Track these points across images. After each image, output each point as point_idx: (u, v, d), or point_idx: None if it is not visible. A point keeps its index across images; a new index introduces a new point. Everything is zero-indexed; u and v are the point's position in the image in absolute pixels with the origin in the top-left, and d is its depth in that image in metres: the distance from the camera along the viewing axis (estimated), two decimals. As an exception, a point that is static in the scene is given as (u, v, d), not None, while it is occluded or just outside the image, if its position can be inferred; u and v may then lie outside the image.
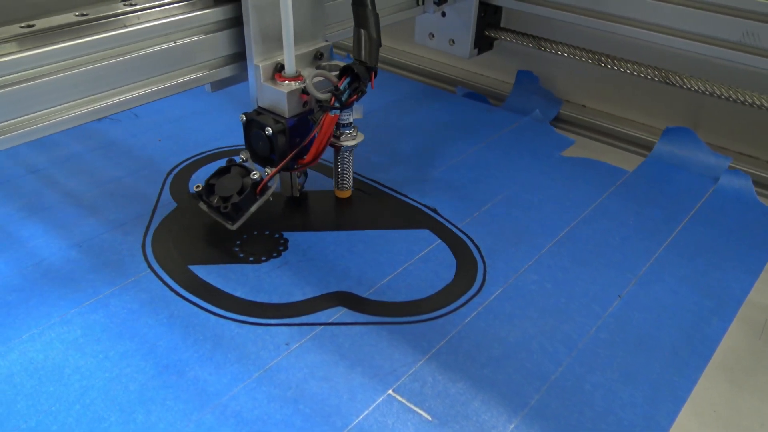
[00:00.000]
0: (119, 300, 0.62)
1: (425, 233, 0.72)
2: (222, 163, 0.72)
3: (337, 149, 0.73)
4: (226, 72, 0.67)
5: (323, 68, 0.67)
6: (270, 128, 0.65)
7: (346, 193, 0.77)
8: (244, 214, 0.67)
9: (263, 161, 0.69)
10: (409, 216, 0.75)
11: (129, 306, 0.61)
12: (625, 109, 0.95)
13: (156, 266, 0.66)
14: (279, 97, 0.65)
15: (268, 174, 0.66)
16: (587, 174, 0.83)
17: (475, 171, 0.83)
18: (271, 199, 0.68)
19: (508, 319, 0.61)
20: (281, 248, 0.69)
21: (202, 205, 0.69)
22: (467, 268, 0.67)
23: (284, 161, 0.66)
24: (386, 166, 0.84)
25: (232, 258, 0.67)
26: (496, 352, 0.58)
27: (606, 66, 0.87)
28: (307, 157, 0.67)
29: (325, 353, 0.57)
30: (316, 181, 0.80)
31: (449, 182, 0.81)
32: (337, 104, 0.64)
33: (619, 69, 0.86)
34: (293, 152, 0.66)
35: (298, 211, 0.76)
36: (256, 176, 0.66)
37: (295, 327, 0.60)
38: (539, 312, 0.62)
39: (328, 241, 0.70)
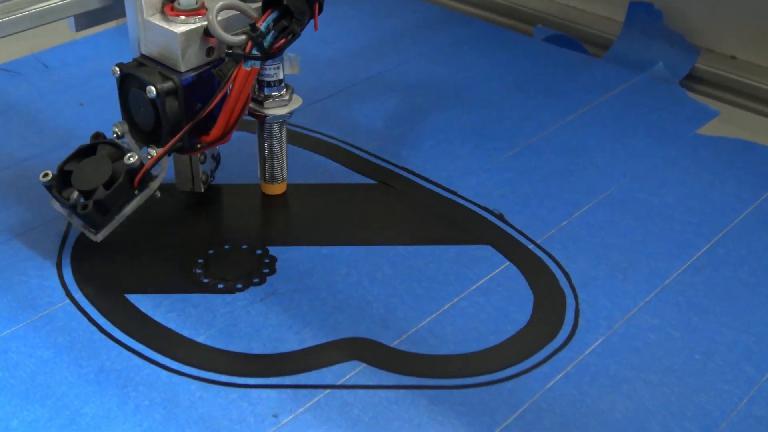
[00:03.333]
0: (24, 344, 0.64)
1: (486, 251, 0.73)
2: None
3: (261, 120, 0.73)
4: (93, 2, 0.68)
5: None
6: (154, 88, 0.66)
7: (278, 188, 0.77)
8: (113, 219, 0.68)
9: (147, 137, 0.69)
10: (461, 224, 0.76)
11: (39, 353, 0.63)
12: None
13: (78, 294, 0.68)
14: (169, 40, 0.66)
15: (151, 157, 0.67)
16: (738, 162, 0.84)
17: (563, 157, 0.84)
18: (158, 195, 0.69)
19: (614, 384, 0.62)
20: (266, 270, 0.70)
21: (55, 204, 0.70)
22: (550, 305, 0.68)
23: (176, 138, 0.66)
24: (425, 148, 0.85)
25: (192, 284, 0.69)
26: (594, 434, 0.59)
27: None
28: (213, 132, 0.67)
29: (334, 430, 0.58)
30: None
31: (523, 173, 0.82)
32: (255, 52, 0.64)
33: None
34: (190, 124, 0.67)
35: (289, 216, 0.77)
36: (133, 160, 0.66)
37: (288, 390, 0.61)
38: (661, 374, 0.63)
39: (338, 260, 0.72)
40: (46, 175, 0.68)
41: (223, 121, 0.67)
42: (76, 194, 0.67)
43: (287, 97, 0.73)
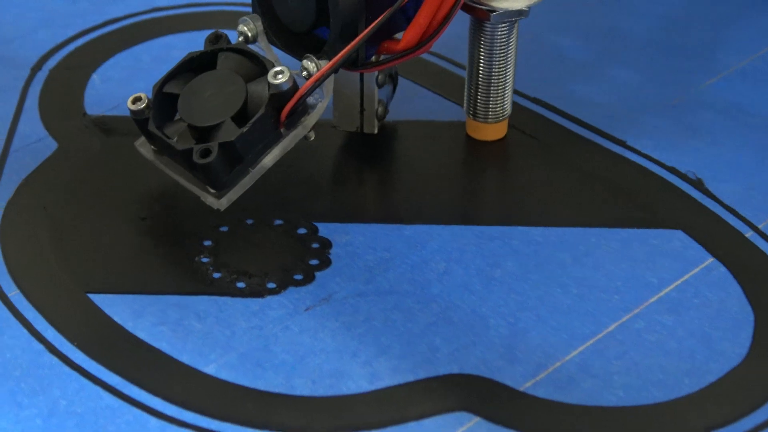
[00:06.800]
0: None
1: (675, 240, 0.73)
2: (194, 44, 0.74)
3: (481, 18, 0.74)
4: None
5: None
6: None
7: (494, 131, 0.79)
8: (246, 173, 0.70)
9: (296, 43, 0.71)
10: (634, 195, 0.76)
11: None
12: None
13: (13, 292, 0.69)
14: None
15: (311, 75, 0.68)
16: None
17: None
18: (311, 137, 0.71)
19: None
20: (314, 262, 0.71)
21: (146, 148, 0.71)
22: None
23: (355, 42, 0.68)
24: (572, 69, 0.85)
25: (194, 280, 0.70)
26: None
27: None
28: (408, 35, 0.70)
29: None
30: (412, 101, 0.82)
31: (734, 115, 0.82)
32: None
33: None
34: (377, 21, 0.68)
35: (359, 171, 0.78)
36: (281, 79, 0.67)
37: (355, 456, 0.62)
38: None
39: (431, 247, 0.72)
40: (138, 99, 0.69)
41: (425, 18, 0.69)
42: (183, 131, 0.68)
43: None
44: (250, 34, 0.70)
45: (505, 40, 0.75)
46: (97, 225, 0.73)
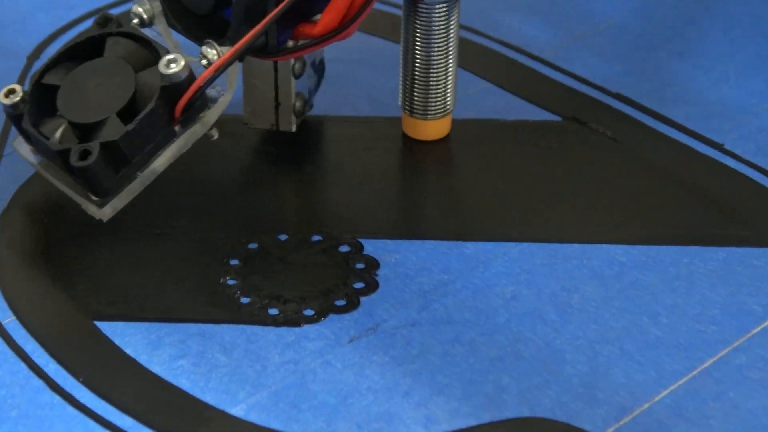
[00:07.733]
0: None
1: None
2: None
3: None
4: None
5: None
6: None
7: (435, 129, 0.80)
8: (133, 177, 0.70)
9: (199, 27, 0.71)
10: (732, 207, 0.75)
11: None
12: None
13: (9, 319, 0.68)
14: None
15: (211, 63, 0.69)
16: None
17: None
18: (214, 135, 0.71)
19: None
20: (359, 285, 0.70)
21: (23, 148, 0.71)
22: None
23: (260, 26, 0.69)
24: (658, 59, 0.86)
25: (219, 306, 0.69)
26: None
27: None
28: (326, 18, 0.70)
29: None
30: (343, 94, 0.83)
31: None
32: None
33: None
34: (286, 2, 0.69)
35: (401, 179, 0.78)
36: (175, 69, 0.68)
37: None
38: None
39: (496, 268, 0.72)
40: (11, 92, 0.69)
41: None
42: (63, 130, 0.68)
43: None
44: (145, 16, 0.71)
45: (443, 23, 0.75)
46: (106, 241, 0.73)
